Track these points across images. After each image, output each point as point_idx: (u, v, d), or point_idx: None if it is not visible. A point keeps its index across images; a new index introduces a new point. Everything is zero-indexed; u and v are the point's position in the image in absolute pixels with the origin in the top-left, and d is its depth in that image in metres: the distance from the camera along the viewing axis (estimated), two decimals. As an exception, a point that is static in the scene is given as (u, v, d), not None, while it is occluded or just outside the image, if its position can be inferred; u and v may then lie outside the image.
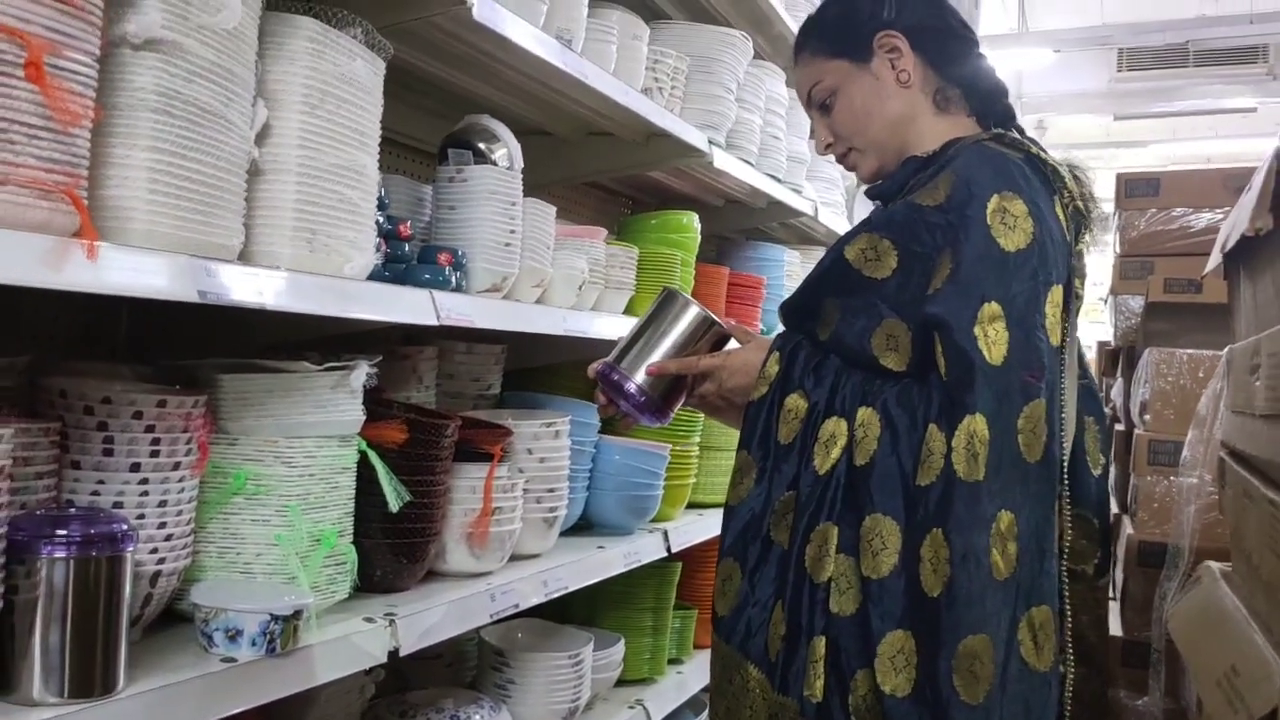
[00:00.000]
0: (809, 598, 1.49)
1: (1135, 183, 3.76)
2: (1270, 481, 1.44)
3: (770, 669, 1.52)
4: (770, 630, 1.53)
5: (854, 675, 1.45)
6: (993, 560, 1.40)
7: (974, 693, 1.39)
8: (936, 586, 1.40)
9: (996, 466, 1.41)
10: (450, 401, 2.10)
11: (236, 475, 1.45)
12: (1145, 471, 3.04)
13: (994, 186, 1.49)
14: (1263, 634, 1.43)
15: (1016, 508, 1.43)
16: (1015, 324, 1.45)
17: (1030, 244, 1.47)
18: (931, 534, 1.41)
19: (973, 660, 1.39)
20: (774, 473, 1.57)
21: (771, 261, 3.32)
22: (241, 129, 1.33)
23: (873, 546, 1.45)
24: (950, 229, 1.48)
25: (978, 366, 1.42)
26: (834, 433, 1.52)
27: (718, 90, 2.66)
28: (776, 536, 1.55)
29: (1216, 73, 6.74)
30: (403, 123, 2.26)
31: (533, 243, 1.98)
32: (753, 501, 1.58)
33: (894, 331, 1.52)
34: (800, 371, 1.59)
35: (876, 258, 1.54)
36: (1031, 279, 1.47)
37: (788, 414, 1.57)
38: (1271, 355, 1.36)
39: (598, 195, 3.15)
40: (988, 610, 1.40)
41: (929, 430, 1.44)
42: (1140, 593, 2.96)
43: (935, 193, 1.52)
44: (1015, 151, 1.58)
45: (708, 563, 2.86)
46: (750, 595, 1.56)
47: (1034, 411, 1.44)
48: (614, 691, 2.46)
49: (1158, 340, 3.25)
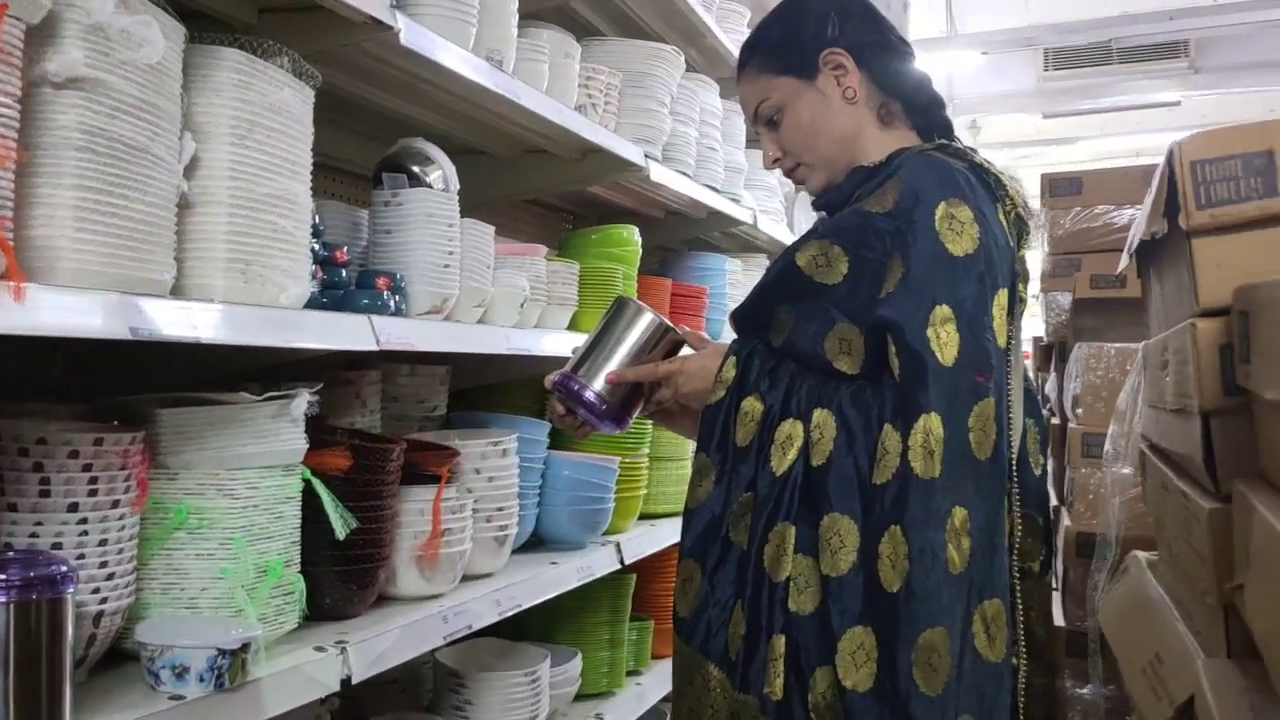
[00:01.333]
0: (768, 597, 1.52)
1: (1059, 182, 3.85)
2: (1183, 473, 1.49)
3: (730, 668, 1.54)
4: (730, 630, 1.55)
5: (813, 673, 1.48)
6: (948, 555, 1.45)
7: (933, 684, 1.43)
8: (895, 582, 1.44)
9: (950, 464, 1.45)
10: (396, 424, 2.10)
11: (178, 510, 1.44)
12: (1079, 464, 3.10)
13: (941, 193, 1.54)
14: (1184, 621, 1.47)
15: (969, 504, 1.47)
16: (965, 326, 1.49)
17: (977, 249, 1.52)
18: (890, 531, 1.45)
19: (931, 653, 1.43)
20: (732, 474, 1.60)
21: (714, 271, 3.34)
22: (169, 163, 1.32)
23: (831, 545, 1.48)
24: (899, 235, 1.52)
25: (930, 367, 1.46)
26: (790, 434, 1.55)
27: (652, 104, 2.69)
28: (735, 537, 1.58)
29: (1140, 69, 6.90)
30: (336, 147, 2.25)
31: (472, 263, 1.99)
32: (712, 503, 1.61)
33: (846, 335, 1.56)
34: (756, 375, 1.62)
35: (828, 264, 1.58)
36: (979, 282, 1.51)
37: (744, 416, 1.59)
38: (1178, 352, 1.41)
39: (538, 212, 3.16)
40: (944, 604, 1.44)
41: (884, 430, 1.48)
42: (1079, 583, 3.03)
43: (884, 199, 1.56)
44: (959, 160, 1.63)
45: (662, 573, 2.88)
46: (710, 596, 1.58)
47: (984, 410, 1.48)
48: (573, 706, 2.46)
49: (1087, 335, 3.32)
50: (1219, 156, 1.28)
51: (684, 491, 2.91)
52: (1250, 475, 1.18)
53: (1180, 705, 1.25)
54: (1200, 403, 1.26)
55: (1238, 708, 1.06)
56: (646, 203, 3.17)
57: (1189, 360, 1.30)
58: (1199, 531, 1.29)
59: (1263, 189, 1.25)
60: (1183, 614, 1.50)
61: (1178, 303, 1.47)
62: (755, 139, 3.34)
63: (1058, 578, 3.47)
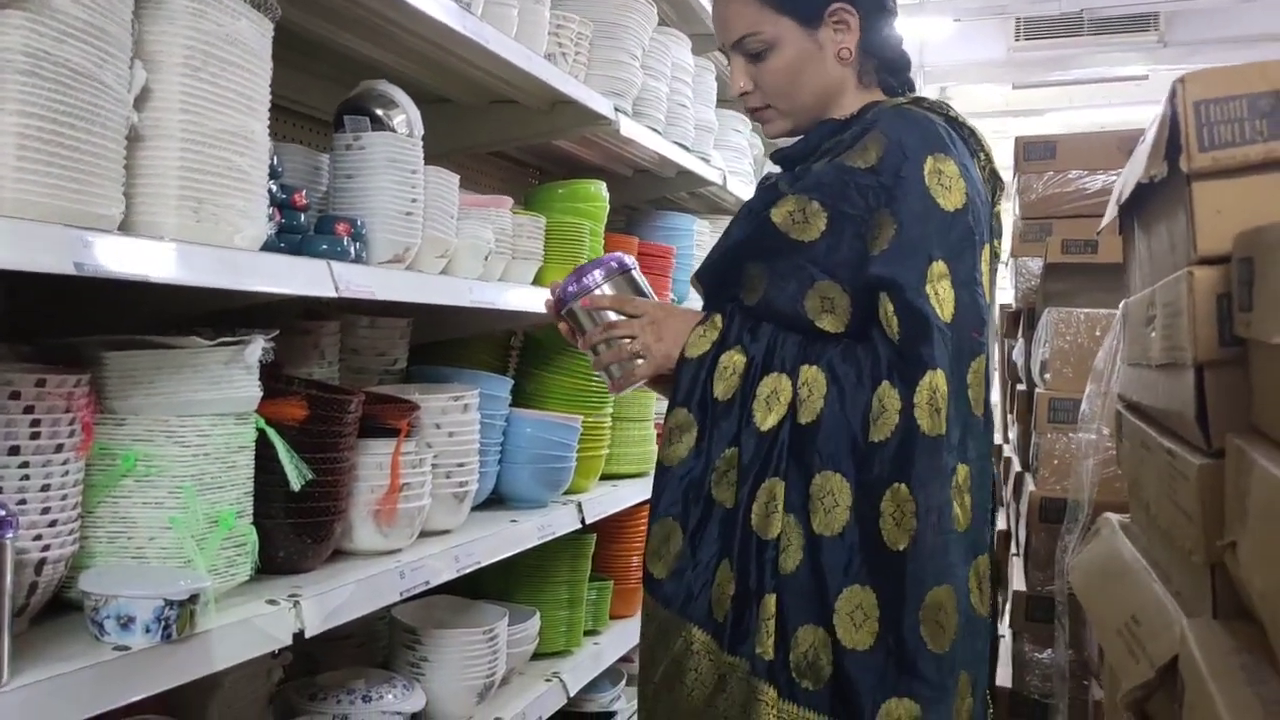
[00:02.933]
0: (757, 556, 1.49)
1: (1033, 146, 3.84)
2: (1167, 431, 1.48)
3: (718, 630, 1.51)
4: (715, 591, 1.52)
5: (795, 632, 1.46)
6: (954, 513, 1.45)
7: (940, 642, 1.43)
8: (901, 540, 1.42)
9: (954, 421, 1.45)
10: (355, 377, 2.04)
11: (125, 456, 1.39)
12: (1046, 429, 3.11)
13: (926, 148, 1.51)
14: (1162, 583, 1.47)
15: (970, 460, 1.48)
16: (960, 283, 1.48)
17: (965, 204, 1.50)
18: (893, 488, 1.43)
19: (938, 610, 1.43)
20: (713, 430, 1.56)
21: (681, 231, 3.30)
22: (118, 92, 1.26)
23: (824, 504, 1.46)
24: (884, 190, 1.49)
25: (934, 324, 1.45)
26: (775, 389, 1.52)
27: (623, 56, 2.63)
28: (719, 496, 1.54)
29: (1110, 41, 6.91)
30: (298, 90, 2.18)
31: (435, 212, 1.93)
32: (692, 461, 1.57)
33: (829, 294, 1.52)
34: (738, 330, 1.58)
35: (805, 220, 1.54)
36: (970, 237, 1.51)
37: (724, 370, 1.56)
38: (1166, 305, 1.39)
39: (504, 165, 3.10)
40: (951, 561, 1.45)
41: (881, 387, 1.45)
42: (1043, 548, 3.04)
43: (865, 154, 1.52)
44: (935, 114, 1.60)
45: (623, 533, 2.85)
46: (691, 557, 1.55)
47: (979, 367, 1.49)
48: (530, 665, 2.44)
49: (1057, 301, 3.32)
50: (1223, 96, 1.25)
51: (647, 452, 2.91)
52: (1243, 429, 1.16)
53: (1162, 666, 1.24)
54: (1194, 354, 1.24)
55: (1227, 667, 1.05)
56: (614, 159, 3.11)
57: (1183, 311, 1.27)
58: (1186, 489, 1.28)
59: (1268, 131, 1.22)
60: (1160, 575, 1.50)
61: (1168, 255, 1.45)
62: (728, 99, 3.30)
63: (1018, 542, 3.49)
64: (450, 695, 2.10)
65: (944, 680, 1.44)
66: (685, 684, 1.53)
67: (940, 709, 1.44)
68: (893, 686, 1.43)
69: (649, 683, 1.61)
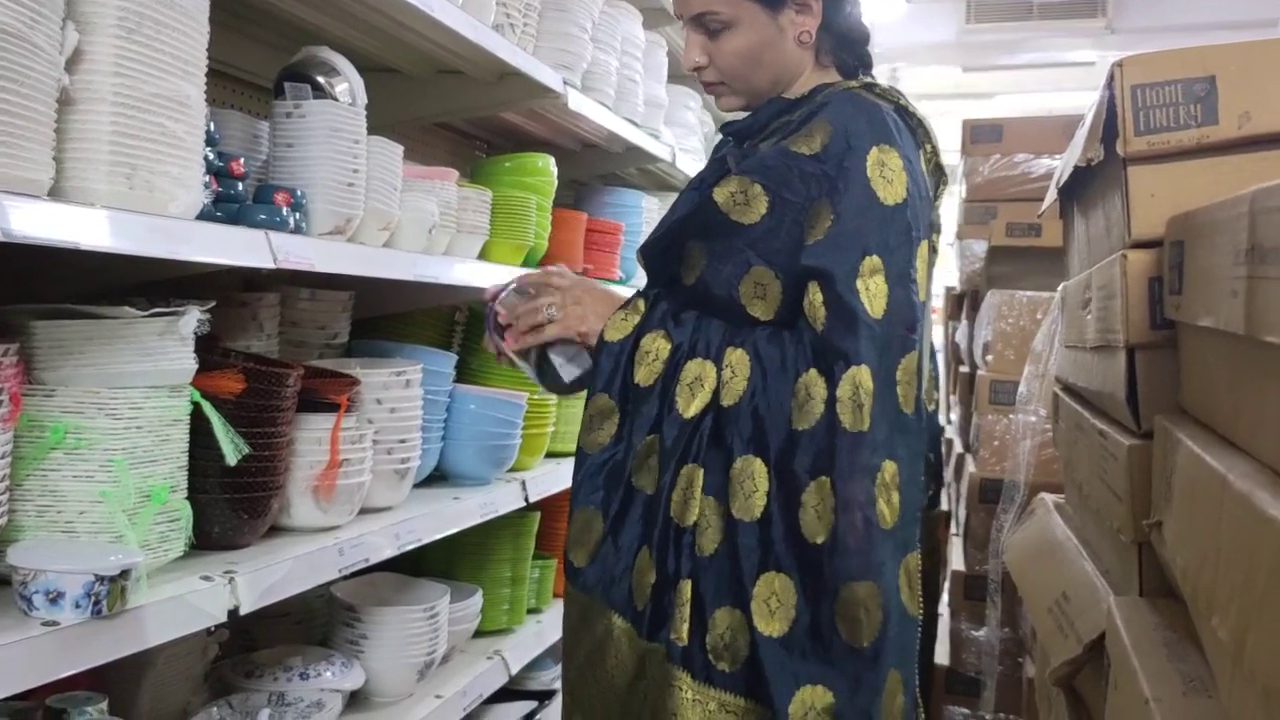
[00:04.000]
0: (675, 542, 1.49)
1: (980, 129, 3.87)
2: (1099, 412, 1.50)
3: (637, 617, 1.51)
4: (635, 578, 1.52)
5: (713, 614, 1.46)
6: (879, 510, 1.43)
7: (857, 636, 1.41)
8: (820, 534, 1.41)
9: (880, 418, 1.43)
10: (295, 351, 2.01)
11: (55, 429, 1.36)
12: (987, 411, 3.15)
13: (872, 138, 1.49)
14: (1092, 562, 1.49)
15: (898, 458, 1.46)
16: (894, 278, 1.46)
17: (906, 198, 1.49)
18: (818, 481, 1.42)
19: (857, 607, 1.41)
20: (634, 416, 1.55)
21: (629, 208, 3.29)
22: (49, 53, 1.22)
23: (744, 489, 1.45)
24: (827, 179, 1.48)
25: (861, 319, 1.43)
26: (699, 375, 1.50)
27: (572, 29, 2.60)
28: (639, 482, 1.53)
29: (1059, 26, 6.96)
30: (237, 55, 2.13)
31: (378, 183, 1.90)
32: (613, 448, 1.56)
33: (762, 279, 1.51)
34: (661, 313, 1.57)
35: (746, 202, 1.52)
36: (906, 233, 1.49)
37: (645, 354, 1.54)
38: (1102, 288, 1.41)
39: (449, 137, 3.06)
40: (875, 559, 1.43)
41: (807, 374, 1.44)
42: (981, 528, 3.09)
43: (810, 141, 1.51)
44: (885, 102, 1.58)
45: (566, 512, 2.84)
46: (612, 545, 1.54)
47: (909, 364, 1.47)
48: (472, 643, 2.43)
49: (1000, 283, 3.36)
50: (1159, 81, 1.26)
51: (592, 430, 2.88)
52: (1172, 411, 1.18)
53: (1090, 642, 1.26)
54: (1126, 336, 1.26)
55: (1151, 644, 1.07)
56: (562, 133, 3.09)
57: (1117, 294, 1.29)
58: (1116, 469, 1.30)
59: (1202, 116, 1.24)
60: (1091, 554, 1.53)
61: (1104, 239, 1.47)
62: (679, 75, 3.29)
63: (959, 522, 3.54)
64: (390, 673, 2.09)
65: (860, 673, 1.43)
66: (607, 668, 1.53)
67: (857, 701, 1.43)
68: (807, 675, 1.43)
69: (572, 666, 1.61)
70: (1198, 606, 0.97)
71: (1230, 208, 0.94)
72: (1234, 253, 0.91)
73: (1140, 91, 1.27)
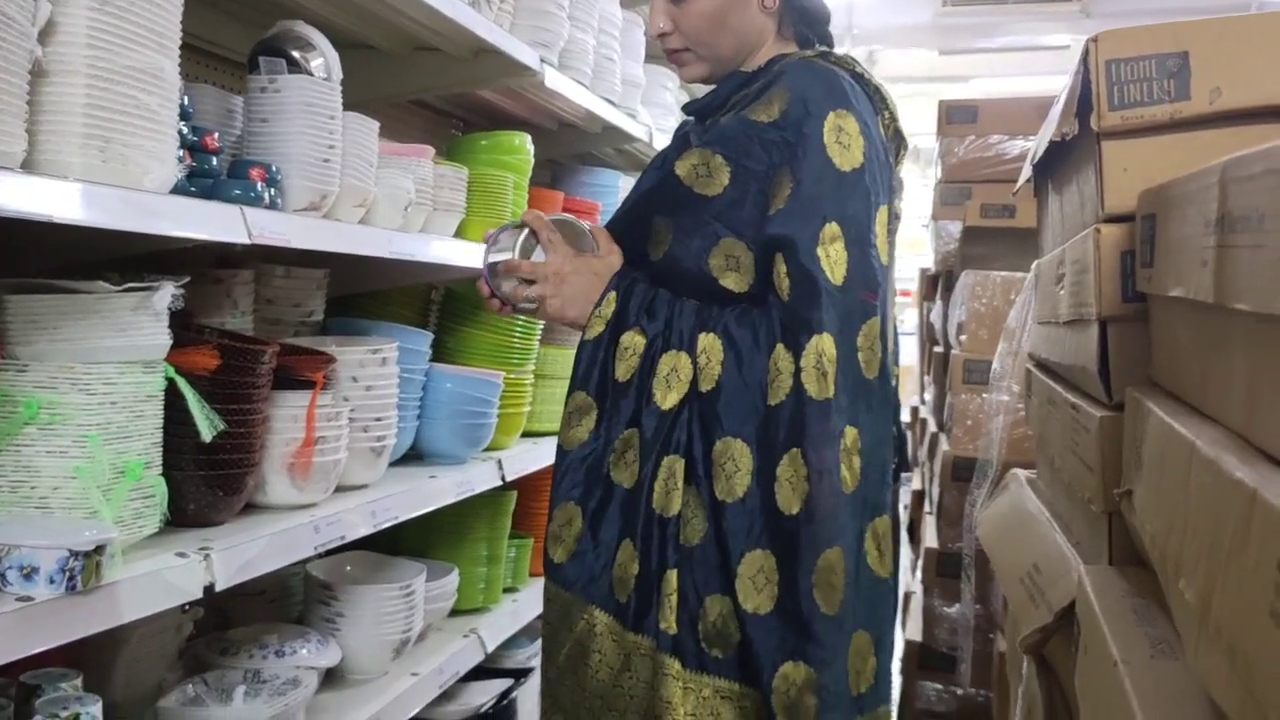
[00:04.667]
0: (660, 533, 1.49)
1: (955, 110, 3.89)
2: (1072, 386, 1.52)
3: (620, 610, 1.51)
4: (617, 571, 1.52)
5: (703, 602, 1.46)
6: (842, 475, 1.44)
7: (831, 603, 1.43)
8: (794, 504, 1.43)
9: (842, 384, 1.44)
10: (270, 328, 2.00)
11: (28, 404, 1.35)
12: (960, 390, 3.18)
13: (829, 104, 1.50)
14: (1063, 534, 1.51)
15: (860, 423, 1.48)
16: (853, 244, 1.47)
17: (863, 163, 1.49)
18: (790, 454, 1.43)
19: (830, 573, 1.44)
20: (612, 411, 1.56)
21: (606, 187, 3.29)
22: (21, 25, 1.21)
23: (725, 470, 1.46)
24: (787, 146, 1.48)
25: (822, 287, 1.44)
26: (675, 366, 1.51)
27: (550, 7, 2.59)
28: (618, 476, 1.53)
29: (1035, 10, 7.00)
30: (212, 29, 2.11)
31: (354, 159, 1.89)
32: (593, 443, 1.57)
33: (733, 251, 1.52)
34: (636, 309, 1.57)
35: (709, 174, 1.53)
36: (865, 199, 1.49)
37: (624, 351, 1.55)
38: (1075, 263, 1.42)
39: (426, 115, 3.05)
40: (840, 523, 1.45)
41: (775, 350, 1.45)
42: (954, 506, 3.11)
43: (769, 108, 1.51)
44: (841, 69, 1.59)
45: (544, 491, 2.83)
46: (592, 540, 1.54)
47: (871, 329, 1.48)
48: (447, 622, 2.43)
49: (974, 264, 3.39)
50: (1133, 56, 1.27)
51: (569, 409, 2.88)
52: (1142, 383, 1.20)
53: (1060, 611, 1.28)
54: (1099, 309, 1.28)
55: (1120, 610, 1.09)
56: (539, 112, 3.08)
57: (1090, 268, 1.31)
58: (1088, 441, 1.32)
59: (1174, 92, 1.25)
60: (1062, 526, 1.55)
61: (1078, 214, 1.49)
62: (656, 55, 3.28)
63: (932, 500, 3.57)
64: (366, 650, 2.09)
65: (836, 643, 1.45)
66: (590, 665, 1.53)
67: (832, 670, 1.45)
68: (790, 650, 1.44)
69: (552, 665, 1.61)
70: (1166, 571, 0.98)
71: (1201, 179, 0.96)
72: (1204, 223, 0.92)
73: (1115, 66, 1.29)
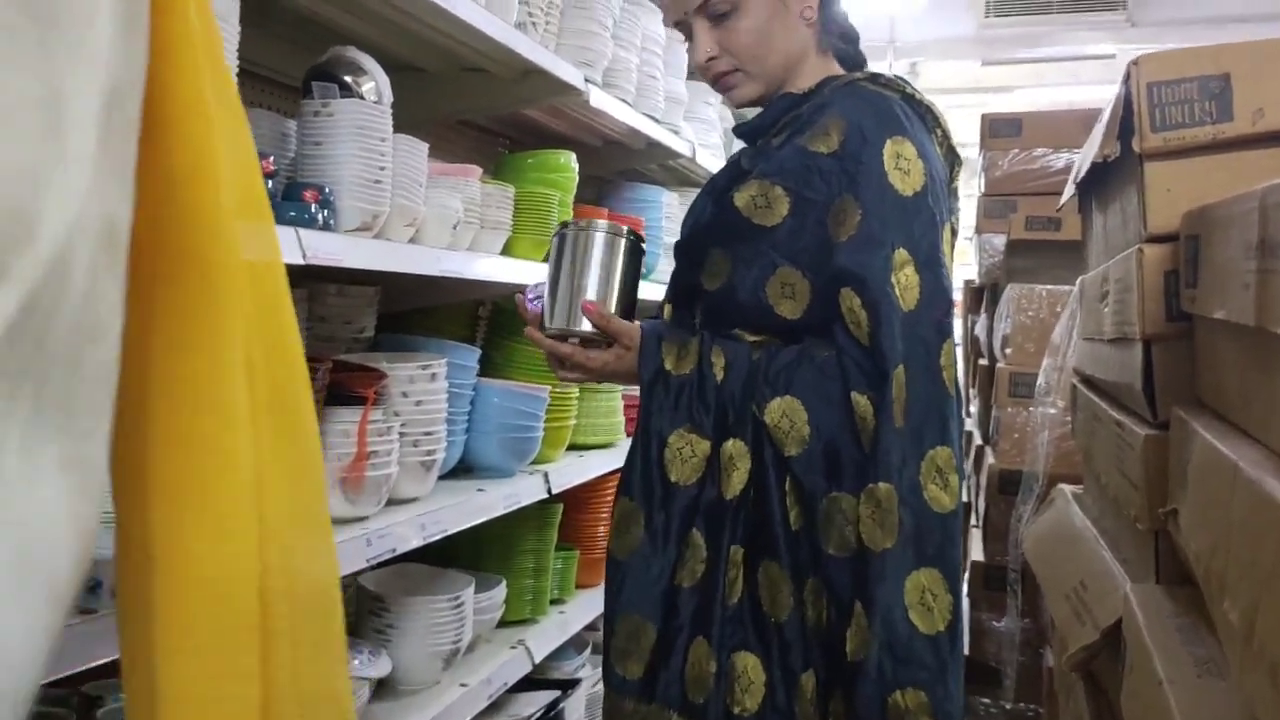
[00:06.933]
0: (744, 624, 1.49)
1: (999, 123, 3.87)
2: (1116, 403, 1.52)
3: (698, 712, 1.49)
4: (690, 672, 1.51)
5: (798, 681, 1.47)
6: (933, 495, 1.44)
7: (930, 623, 1.43)
8: (885, 539, 1.42)
9: (925, 407, 1.45)
10: (322, 345, 2.05)
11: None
12: (1006, 404, 3.16)
13: (885, 131, 1.51)
14: (1110, 550, 1.51)
15: (950, 441, 1.48)
16: (924, 267, 1.48)
17: (924, 186, 1.51)
18: (868, 490, 1.43)
19: (922, 593, 1.43)
20: (667, 514, 1.55)
21: (650, 203, 3.31)
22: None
23: (836, 524, 1.46)
24: (846, 176, 1.50)
25: (899, 317, 1.45)
26: (732, 455, 1.51)
27: (593, 27, 2.63)
28: (682, 578, 1.53)
29: (1079, 19, 6.94)
30: (265, 55, 2.17)
31: (404, 180, 1.93)
32: (650, 549, 1.55)
33: (789, 279, 1.52)
34: (687, 403, 1.56)
35: (767, 205, 1.54)
36: (931, 220, 1.50)
37: (679, 453, 1.55)
38: (1118, 281, 1.43)
39: (473, 135, 3.10)
40: (935, 544, 1.45)
41: (853, 399, 1.45)
42: (1000, 520, 3.10)
43: (827, 139, 1.53)
44: (891, 91, 1.61)
45: (589, 504, 2.87)
46: (666, 647, 1.53)
47: (949, 348, 1.49)
48: (496, 633, 2.46)
49: (1019, 277, 3.37)
50: (1175, 79, 1.28)
51: (615, 423, 2.93)
52: (1187, 402, 1.20)
53: (1107, 629, 1.28)
54: (1142, 328, 1.28)
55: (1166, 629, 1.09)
56: (584, 130, 3.11)
57: (1133, 287, 1.31)
58: (1133, 459, 1.32)
59: (1216, 113, 1.25)
60: (1109, 543, 1.54)
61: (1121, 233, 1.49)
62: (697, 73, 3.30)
63: (978, 514, 3.55)
64: (416, 661, 2.12)
65: (942, 659, 1.44)
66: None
67: (940, 687, 1.44)
68: (892, 682, 1.42)
69: None
70: (1210, 591, 0.98)
71: (1242, 203, 0.96)
72: (1245, 246, 0.92)
73: (1156, 89, 1.29)
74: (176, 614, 0.83)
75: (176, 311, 0.78)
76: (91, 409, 0.67)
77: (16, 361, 0.59)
